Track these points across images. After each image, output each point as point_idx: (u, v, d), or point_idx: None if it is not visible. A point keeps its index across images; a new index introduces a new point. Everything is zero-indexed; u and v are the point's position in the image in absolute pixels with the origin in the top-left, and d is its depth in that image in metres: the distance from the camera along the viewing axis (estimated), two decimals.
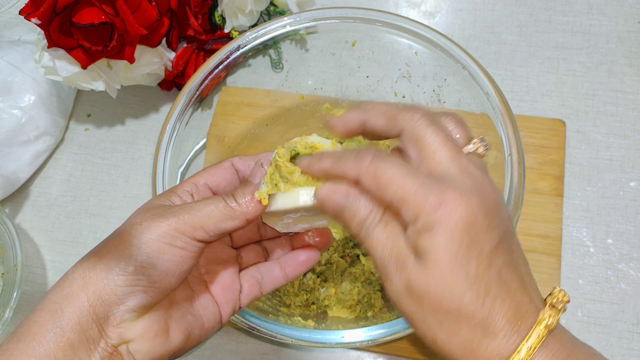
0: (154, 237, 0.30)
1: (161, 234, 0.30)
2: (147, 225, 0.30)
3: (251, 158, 0.37)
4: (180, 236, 0.30)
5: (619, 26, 0.62)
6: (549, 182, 0.54)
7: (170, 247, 0.30)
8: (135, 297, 0.29)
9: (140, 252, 0.30)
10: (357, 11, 0.50)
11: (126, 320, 0.30)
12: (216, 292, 0.35)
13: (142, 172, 0.62)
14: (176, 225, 0.30)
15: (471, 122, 0.49)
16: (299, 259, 0.37)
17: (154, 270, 0.30)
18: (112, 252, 0.30)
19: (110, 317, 0.29)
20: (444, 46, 0.48)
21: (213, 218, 0.31)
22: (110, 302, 0.29)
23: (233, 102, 0.57)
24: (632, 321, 0.49)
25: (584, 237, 0.53)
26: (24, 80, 0.60)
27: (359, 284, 0.50)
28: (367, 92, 0.57)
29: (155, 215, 0.31)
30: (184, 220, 0.31)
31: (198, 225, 0.31)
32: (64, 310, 0.29)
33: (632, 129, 0.57)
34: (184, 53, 0.60)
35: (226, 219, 0.31)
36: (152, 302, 0.31)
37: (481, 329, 0.26)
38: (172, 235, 0.30)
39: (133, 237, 0.30)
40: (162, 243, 0.30)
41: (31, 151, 0.61)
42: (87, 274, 0.30)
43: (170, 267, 0.30)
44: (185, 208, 0.31)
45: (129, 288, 0.29)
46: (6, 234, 0.53)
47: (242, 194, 0.32)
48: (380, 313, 0.48)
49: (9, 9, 0.74)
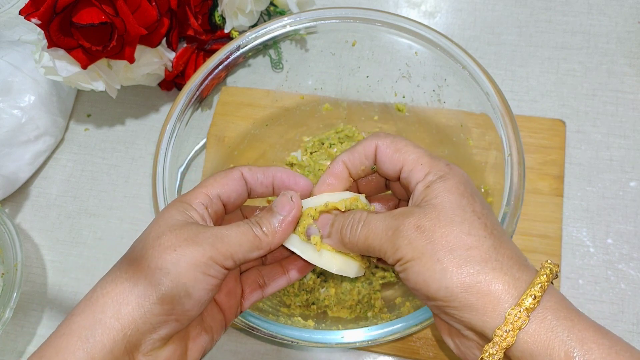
0: (190, 266, 0.30)
1: (197, 263, 0.30)
2: (182, 253, 0.30)
3: (260, 170, 0.36)
4: (214, 265, 0.30)
5: (619, 26, 0.62)
6: (549, 182, 0.54)
7: (204, 277, 0.30)
8: (169, 325, 0.29)
9: (177, 281, 0.29)
10: (357, 11, 0.50)
11: (156, 347, 0.29)
12: (220, 298, 0.35)
13: (142, 172, 0.62)
14: (211, 254, 0.30)
15: (471, 122, 0.49)
16: (302, 261, 0.36)
17: (189, 300, 0.29)
18: (148, 277, 0.29)
19: (141, 345, 0.29)
20: (444, 46, 0.48)
21: (242, 248, 0.31)
22: (144, 331, 0.29)
23: (233, 102, 0.57)
24: (632, 321, 0.49)
25: (584, 237, 0.53)
26: (24, 80, 0.60)
27: (359, 284, 0.50)
28: (367, 92, 0.57)
29: (189, 242, 0.30)
30: (218, 250, 0.30)
31: (229, 255, 0.31)
32: (96, 338, 0.28)
33: (632, 129, 0.57)
34: (184, 53, 0.60)
35: (254, 249, 0.32)
36: (181, 329, 0.31)
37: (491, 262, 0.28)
38: (206, 264, 0.30)
39: (168, 263, 0.29)
40: (198, 272, 0.30)
41: (31, 151, 0.61)
42: (122, 300, 0.29)
43: (202, 296, 0.30)
44: (216, 235, 0.31)
45: (164, 317, 0.29)
46: (6, 234, 0.53)
47: (269, 223, 0.33)
48: (380, 313, 0.48)
49: (9, 9, 0.74)
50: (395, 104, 0.56)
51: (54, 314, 0.56)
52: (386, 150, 0.34)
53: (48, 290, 0.57)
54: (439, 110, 0.53)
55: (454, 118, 0.52)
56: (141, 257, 0.30)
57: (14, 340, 0.55)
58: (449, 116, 0.52)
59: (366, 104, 0.58)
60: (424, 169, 0.32)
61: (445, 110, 0.53)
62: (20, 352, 0.54)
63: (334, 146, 0.57)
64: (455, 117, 0.51)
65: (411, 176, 0.32)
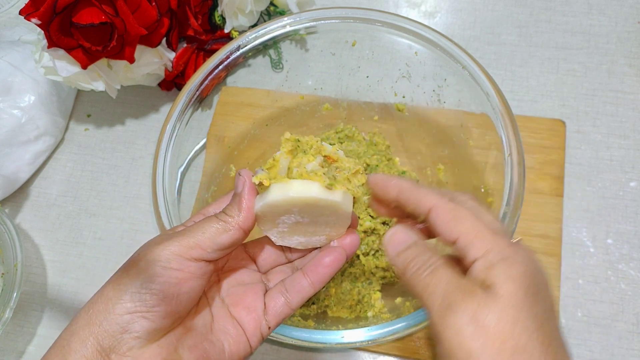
0: (149, 262, 0.31)
1: (155, 257, 0.31)
2: (145, 253, 0.31)
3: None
4: (176, 257, 0.31)
5: (619, 26, 0.62)
6: (549, 182, 0.54)
7: (164, 270, 0.31)
8: (137, 322, 0.30)
9: (137, 278, 0.30)
10: (357, 11, 0.50)
11: (133, 347, 0.30)
12: (239, 314, 0.35)
13: (142, 172, 0.62)
14: (172, 249, 0.31)
15: (471, 122, 0.49)
16: (323, 261, 0.35)
17: (151, 295, 0.30)
18: (113, 283, 0.31)
19: (116, 346, 0.30)
20: (444, 46, 0.48)
21: (207, 234, 0.32)
22: (113, 331, 0.29)
23: (233, 102, 0.57)
24: (632, 321, 0.49)
25: (584, 237, 0.53)
26: (24, 80, 0.60)
27: (359, 284, 0.50)
28: (367, 92, 0.57)
29: (152, 244, 0.32)
30: (180, 242, 0.31)
31: (194, 244, 0.31)
32: (70, 347, 0.30)
33: (632, 129, 0.57)
34: (184, 53, 0.60)
35: (221, 232, 0.32)
36: (157, 328, 0.30)
37: None
38: (167, 258, 0.31)
39: (131, 267, 0.31)
40: (158, 267, 0.30)
41: (31, 151, 0.61)
42: (92, 307, 0.30)
43: (167, 290, 0.30)
44: (182, 232, 0.32)
45: (128, 316, 0.30)
46: (6, 234, 0.53)
47: (231, 206, 0.33)
48: (380, 313, 0.48)
49: (9, 9, 0.74)
50: (395, 104, 0.56)
51: (54, 314, 0.56)
52: (444, 216, 0.31)
53: (48, 290, 0.57)
54: (439, 110, 0.53)
55: (454, 118, 0.52)
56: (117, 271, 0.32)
57: (14, 340, 0.55)
58: (449, 116, 0.52)
59: (366, 104, 0.58)
60: (484, 245, 0.29)
61: (445, 110, 0.53)
62: (20, 352, 0.54)
63: (334, 146, 0.57)
64: (455, 117, 0.51)
65: (468, 250, 0.29)
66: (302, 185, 0.32)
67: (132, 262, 0.31)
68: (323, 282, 0.35)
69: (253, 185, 0.33)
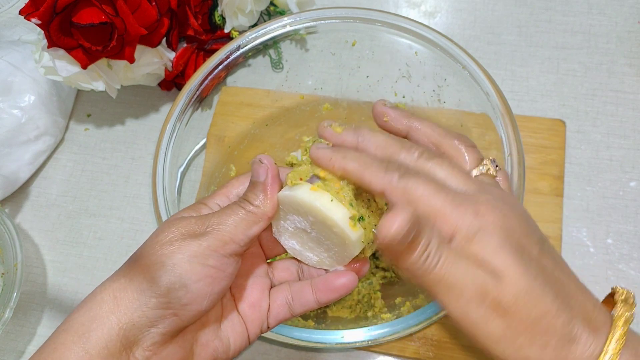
0: (187, 257, 0.29)
1: (194, 254, 0.29)
2: (178, 246, 0.30)
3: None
4: (212, 254, 0.30)
5: (619, 26, 0.62)
6: (549, 182, 0.54)
7: (202, 267, 0.29)
8: (167, 319, 0.29)
9: (172, 273, 0.29)
10: (357, 11, 0.50)
11: (156, 343, 0.29)
12: (243, 309, 0.34)
13: (142, 172, 0.62)
14: (208, 244, 0.30)
15: (471, 122, 0.49)
16: (334, 284, 0.34)
17: (186, 293, 0.29)
18: (144, 273, 0.29)
19: (140, 340, 0.29)
20: (444, 46, 0.48)
21: (240, 227, 0.31)
22: (141, 325, 0.28)
23: (233, 102, 0.57)
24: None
25: (584, 237, 0.53)
26: (24, 80, 0.60)
27: (359, 284, 0.50)
28: (367, 92, 0.57)
29: (185, 236, 0.30)
30: (215, 237, 0.30)
31: (228, 239, 0.30)
32: (91, 333, 0.28)
33: (632, 129, 0.57)
34: (184, 53, 0.60)
35: (251, 224, 0.31)
36: (183, 326, 0.30)
37: (567, 334, 0.26)
38: (204, 254, 0.30)
39: (165, 257, 0.29)
40: (195, 264, 0.29)
41: (31, 151, 0.61)
42: (118, 295, 0.29)
43: (202, 289, 0.30)
44: (211, 224, 0.31)
45: (161, 311, 0.29)
46: (6, 234, 0.53)
47: (255, 195, 0.32)
48: (380, 313, 0.48)
49: (8, 9, 0.74)
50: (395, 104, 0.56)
51: (54, 314, 0.56)
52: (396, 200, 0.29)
53: (48, 290, 0.57)
54: (439, 110, 0.53)
55: (454, 118, 0.52)
56: (140, 256, 0.31)
57: (14, 340, 0.55)
58: (449, 116, 0.52)
59: (366, 104, 0.58)
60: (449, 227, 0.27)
61: (445, 110, 0.53)
62: (20, 352, 0.54)
63: None
64: (455, 117, 0.51)
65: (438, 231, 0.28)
66: (331, 204, 0.31)
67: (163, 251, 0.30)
68: (329, 302, 0.35)
69: (278, 174, 0.33)
